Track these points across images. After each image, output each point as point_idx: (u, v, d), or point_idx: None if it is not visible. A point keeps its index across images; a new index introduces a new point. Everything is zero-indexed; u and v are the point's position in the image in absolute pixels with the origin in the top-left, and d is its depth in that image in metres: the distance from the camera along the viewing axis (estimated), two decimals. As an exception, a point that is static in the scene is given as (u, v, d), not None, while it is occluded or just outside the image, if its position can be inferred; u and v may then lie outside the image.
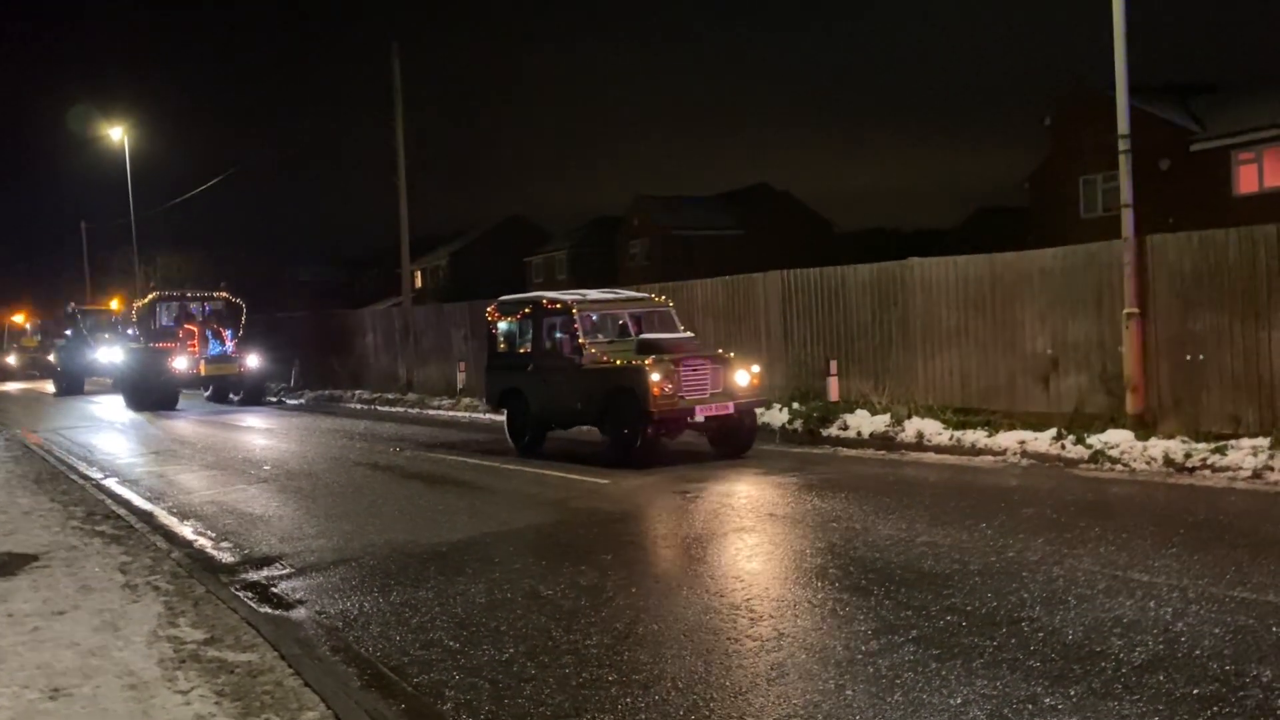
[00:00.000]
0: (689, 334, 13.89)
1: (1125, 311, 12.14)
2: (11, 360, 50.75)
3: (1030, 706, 4.65)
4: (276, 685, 5.34)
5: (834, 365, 15.47)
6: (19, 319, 54.76)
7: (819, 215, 61.19)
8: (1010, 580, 6.65)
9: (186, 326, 27.44)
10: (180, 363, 26.11)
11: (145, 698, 5.17)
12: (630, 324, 13.59)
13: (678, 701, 4.94)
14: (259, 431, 20.24)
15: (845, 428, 13.98)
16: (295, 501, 11.30)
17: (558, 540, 8.66)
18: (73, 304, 39.99)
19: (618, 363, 12.53)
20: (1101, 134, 23.11)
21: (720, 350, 13.60)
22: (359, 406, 26.11)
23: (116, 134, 43.58)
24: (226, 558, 8.68)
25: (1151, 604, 6.02)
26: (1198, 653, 5.21)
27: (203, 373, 26.47)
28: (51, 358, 37.15)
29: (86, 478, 13.48)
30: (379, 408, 25.19)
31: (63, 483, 12.70)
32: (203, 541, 9.36)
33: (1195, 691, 4.72)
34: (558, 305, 13.67)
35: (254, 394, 27.43)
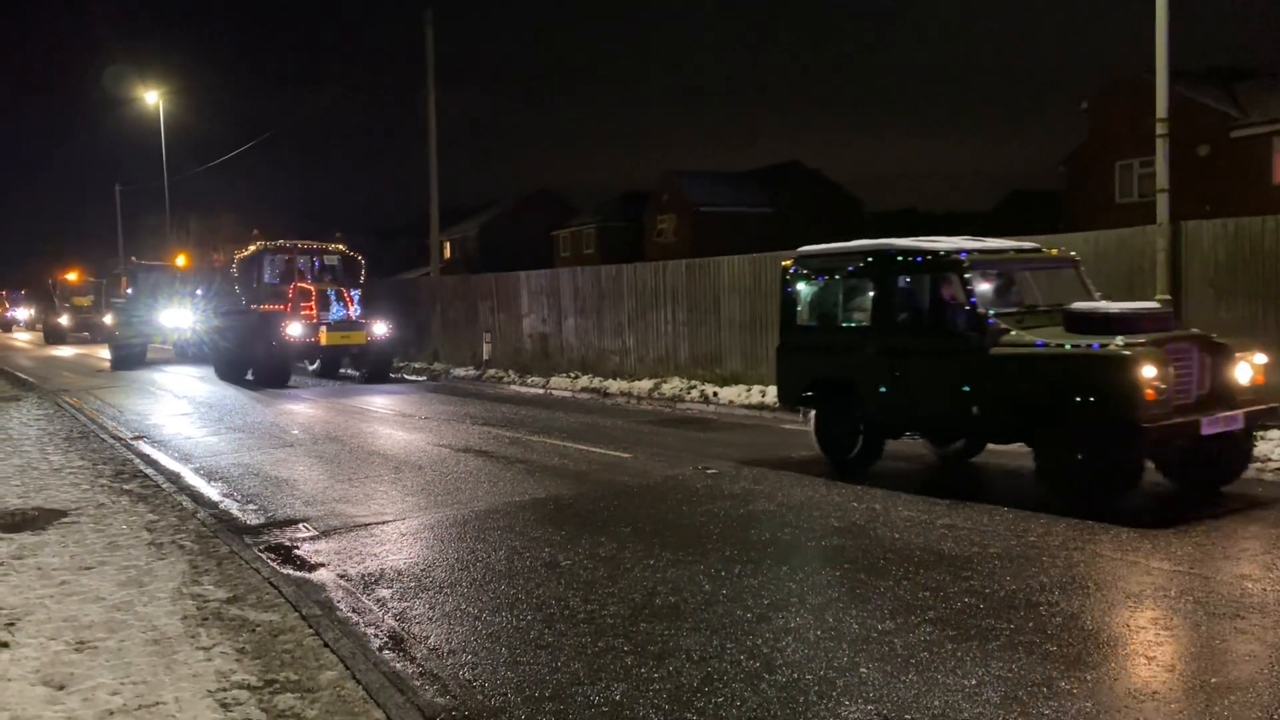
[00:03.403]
0: (1150, 303, 9.51)
1: (1156, 298, 11.98)
2: (64, 321, 45.64)
3: (1045, 690, 4.64)
4: (297, 645, 5.43)
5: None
6: (71, 277, 48.86)
7: (850, 195, 60.75)
8: (1029, 565, 6.62)
9: (300, 285, 22.68)
10: (295, 329, 21.29)
11: (168, 653, 5.27)
12: (1031, 286, 9.71)
13: (692, 673, 4.97)
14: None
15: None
16: (321, 466, 11.41)
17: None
18: (133, 258, 34.82)
19: (1066, 347, 8.25)
20: (1139, 118, 22.74)
21: (1195, 330, 8.99)
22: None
23: (152, 98, 43.89)
24: (251, 519, 8.79)
25: (1173, 592, 5.98)
26: (1219, 643, 5.17)
27: (323, 342, 21.53)
28: (107, 319, 31.08)
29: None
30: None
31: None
32: (228, 503, 9.48)
33: (1214, 680, 4.69)
34: (929, 257, 9.31)
35: (381, 369, 22.54)
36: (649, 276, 19.79)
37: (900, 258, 9.53)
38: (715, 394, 16.73)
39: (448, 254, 66.12)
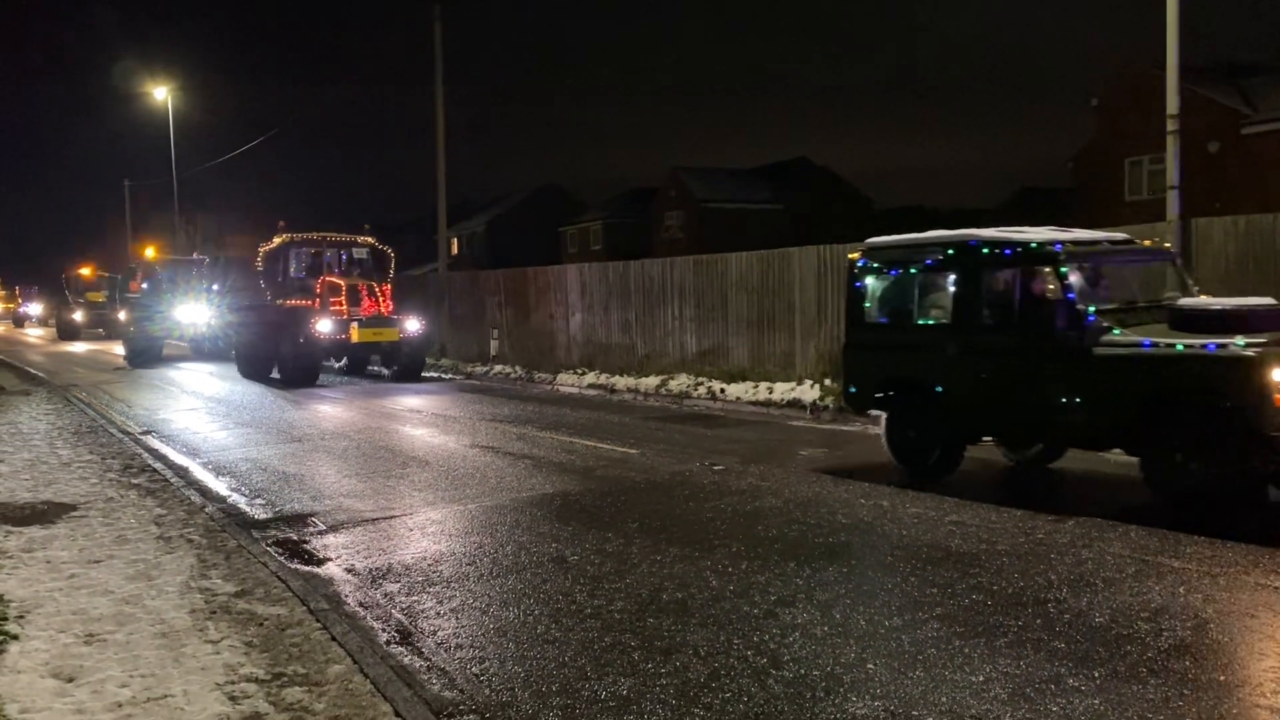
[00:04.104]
0: (1266, 299, 8.34)
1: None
2: (77, 317, 44.55)
3: (1053, 687, 4.63)
4: (304, 638, 5.44)
5: (868, 342, 15.31)
6: (85, 272, 48.09)
7: (858, 191, 60.64)
8: (1037, 562, 6.61)
9: (329, 279, 21.83)
10: (324, 326, 20.38)
11: (176, 646, 5.28)
12: (1126, 281, 8.89)
13: (699, 669, 4.97)
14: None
15: (877, 405, 13.87)
16: (329, 461, 11.44)
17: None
18: (147, 252, 33.78)
19: (1178, 348, 7.60)
20: (1150, 115, 22.65)
21: None
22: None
23: (160, 94, 44.01)
24: (259, 514, 8.81)
25: (1181, 590, 5.96)
26: (1226, 640, 5.16)
27: (355, 339, 20.58)
28: (122, 315, 30.12)
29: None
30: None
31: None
32: (236, 497, 9.50)
33: (1222, 678, 4.67)
34: (1019, 250, 8.66)
35: (413, 367, 21.76)
36: (656, 272, 19.77)
37: (986, 250, 8.89)
38: (722, 391, 16.71)
39: (455, 250, 66.21)
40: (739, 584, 6.33)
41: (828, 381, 15.11)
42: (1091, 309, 8.15)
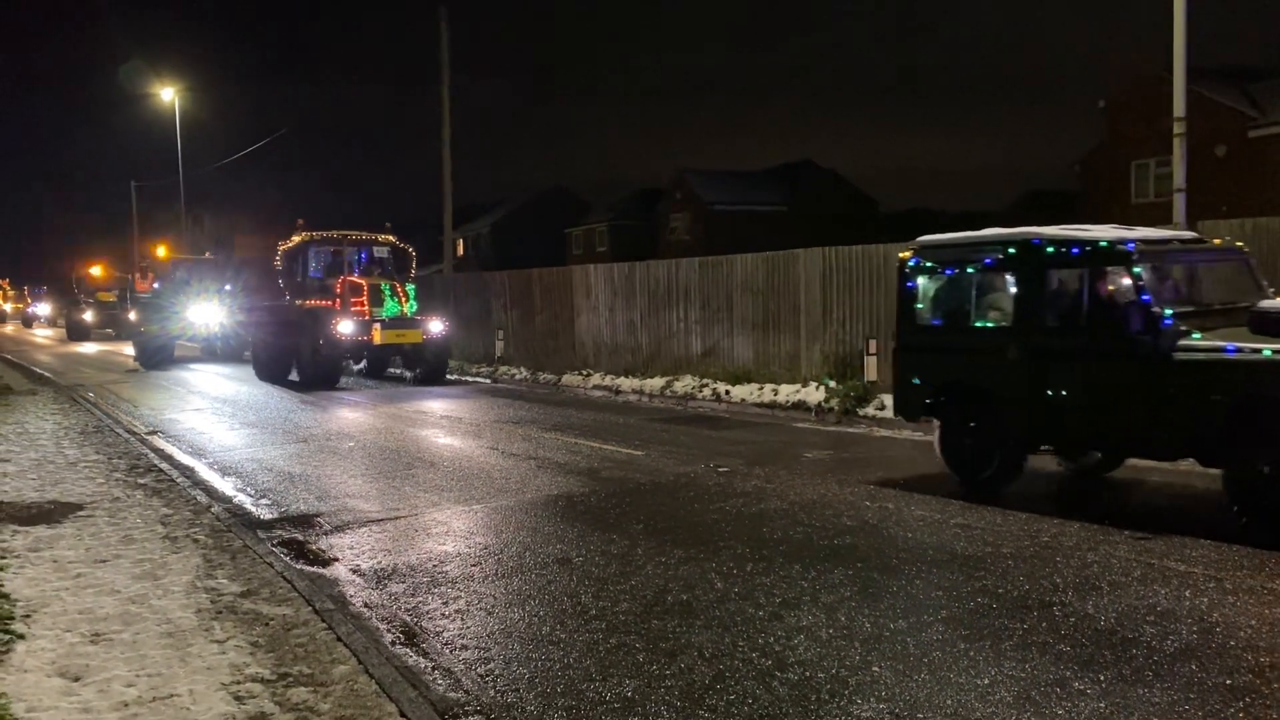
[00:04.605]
0: None
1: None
2: (88, 317, 44.26)
3: (1059, 690, 4.63)
4: (310, 639, 5.45)
5: (873, 345, 15.34)
6: (96, 271, 47.83)
7: (864, 194, 60.61)
8: (1043, 565, 6.60)
9: (350, 280, 21.18)
10: (346, 327, 19.87)
11: (182, 645, 5.30)
12: (1200, 281, 8.58)
13: (704, 671, 4.97)
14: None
15: (883, 407, 13.88)
16: (334, 462, 11.45)
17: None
18: (158, 250, 33.17)
19: (1266, 354, 7.10)
20: (1156, 118, 22.66)
21: None
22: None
23: (167, 94, 44.17)
24: (264, 514, 8.82)
25: (1187, 593, 5.94)
26: (1232, 643, 5.14)
27: (378, 341, 20.11)
28: (132, 315, 29.65)
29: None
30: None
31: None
32: (242, 498, 9.52)
33: (1228, 682, 4.66)
34: (1087, 249, 8.19)
35: (436, 369, 21.32)
36: (662, 274, 19.77)
37: (1051, 249, 8.39)
38: (727, 392, 16.72)
39: (460, 251, 66.27)
40: (744, 586, 6.33)
41: (832, 384, 15.10)
42: (1168, 311, 7.65)
